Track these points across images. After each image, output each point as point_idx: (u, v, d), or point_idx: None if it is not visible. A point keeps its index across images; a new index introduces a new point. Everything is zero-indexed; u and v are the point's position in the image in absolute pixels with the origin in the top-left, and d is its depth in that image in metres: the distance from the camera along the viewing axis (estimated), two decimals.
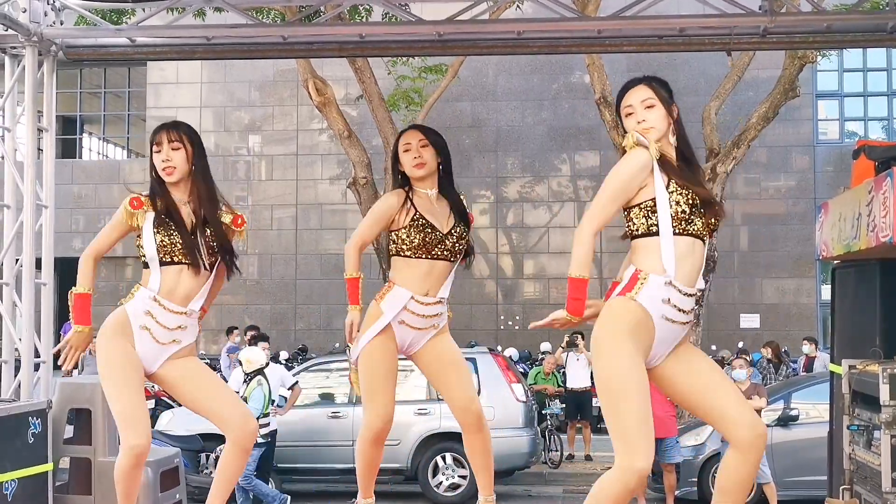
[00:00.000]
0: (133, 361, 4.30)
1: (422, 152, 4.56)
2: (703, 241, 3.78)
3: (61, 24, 7.08)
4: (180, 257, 4.28)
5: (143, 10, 7.26)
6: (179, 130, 4.37)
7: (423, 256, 4.50)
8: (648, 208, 3.70)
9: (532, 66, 22.42)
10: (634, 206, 3.74)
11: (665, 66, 20.50)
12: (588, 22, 7.35)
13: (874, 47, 15.23)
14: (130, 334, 4.32)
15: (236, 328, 16.47)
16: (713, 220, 3.78)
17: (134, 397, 4.26)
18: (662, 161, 3.74)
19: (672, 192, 3.69)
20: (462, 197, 4.71)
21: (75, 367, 4.51)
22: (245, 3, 7.26)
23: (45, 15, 6.83)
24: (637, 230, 3.75)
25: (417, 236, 4.48)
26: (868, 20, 7.02)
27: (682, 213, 3.68)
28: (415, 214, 4.50)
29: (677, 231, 3.68)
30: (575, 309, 3.68)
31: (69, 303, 4.43)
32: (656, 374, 3.81)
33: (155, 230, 4.29)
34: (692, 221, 3.71)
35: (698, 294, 3.77)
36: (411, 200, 4.55)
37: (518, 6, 13.85)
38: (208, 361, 14.67)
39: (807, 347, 15.09)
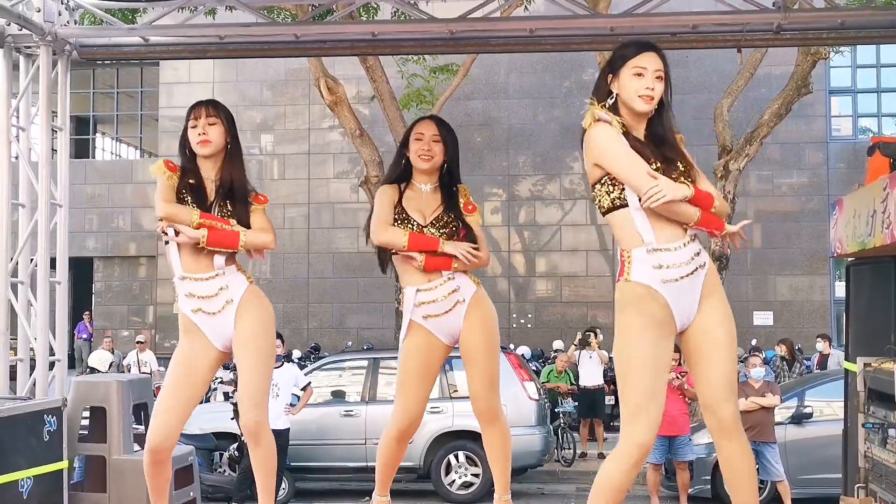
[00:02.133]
0: (185, 362, 4.35)
1: (432, 146, 4.53)
2: None
3: (75, 23, 7.11)
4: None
5: (155, 8, 7.29)
6: (217, 108, 4.41)
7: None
8: (610, 182, 3.69)
9: (544, 64, 22.39)
10: (597, 183, 3.73)
11: (677, 63, 20.34)
12: (600, 19, 7.35)
13: (888, 43, 15.13)
14: (191, 325, 4.35)
15: None
16: (682, 177, 3.69)
17: (165, 397, 4.36)
18: (626, 134, 3.71)
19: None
20: (458, 189, 4.61)
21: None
22: (257, 2, 7.27)
23: (59, 14, 6.86)
24: (605, 206, 3.74)
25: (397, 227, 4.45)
26: (881, 16, 6.99)
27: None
28: (399, 209, 4.48)
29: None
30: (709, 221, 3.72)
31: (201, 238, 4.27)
32: (692, 328, 3.75)
33: (182, 192, 4.33)
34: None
35: (690, 239, 3.68)
36: (401, 195, 4.53)
37: (526, 7, 13.83)
38: None
39: (820, 345, 15.03)
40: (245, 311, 4.33)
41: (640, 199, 3.60)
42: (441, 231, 4.46)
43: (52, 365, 6.84)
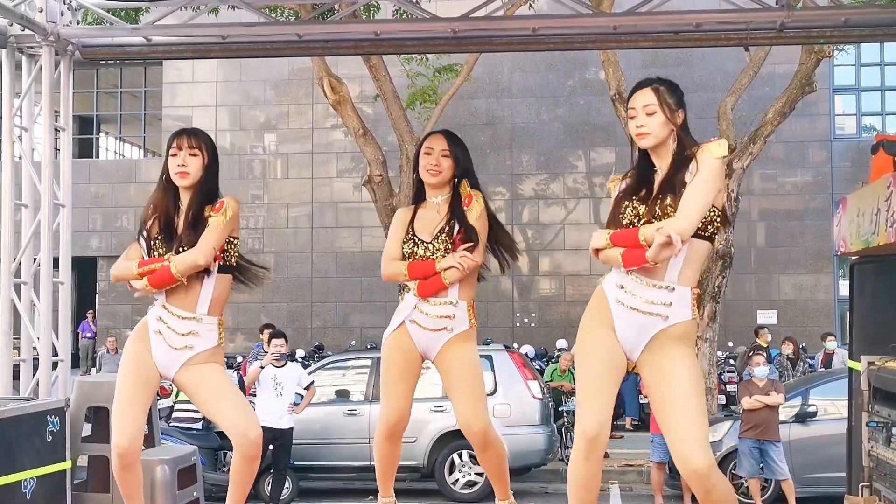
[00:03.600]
0: (141, 365, 4.34)
1: (440, 161, 4.54)
2: None
3: (78, 23, 7.11)
4: None
5: (157, 8, 7.29)
6: (199, 138, 4.40)
7: None
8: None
9: (547, 63, 22.37)
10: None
11: (681, 61, 20.44)
12: (603, 18, 7.33)
13: (891, 41, 15.10)
14: (147, 339, 4.36)
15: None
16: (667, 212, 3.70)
17: (126, 399, 4.32)
18: (636, 166, 3.85)
19: (626, 206, 3.76)
20: (463, 185, 4.58)
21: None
22: (260, 2, 7.27)
23: (62, 14, 6.86)
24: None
25: (406, 248, 4.53)
26: (885, 14, 6.97)
27: (620, 210, 3.77)
28: (408, 229, 4.55)
29: (626, 224, 3.76)
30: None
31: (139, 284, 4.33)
32: (638, 367, 3.83)
33: (149, 248, 4.36)
34: (634, 221, 3.72)
35: (668, 289, 3.67)
36: (414, 215, 4.59)
37: (531, 5, 13.83)
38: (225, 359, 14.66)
39: (831, 343, 14.96)
40: (200, 363, 4.34)
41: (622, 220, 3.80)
42: (444, 243, 4.48)
43: (55, 365, 6.84)
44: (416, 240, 4.50)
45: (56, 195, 6.92)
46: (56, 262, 6.93)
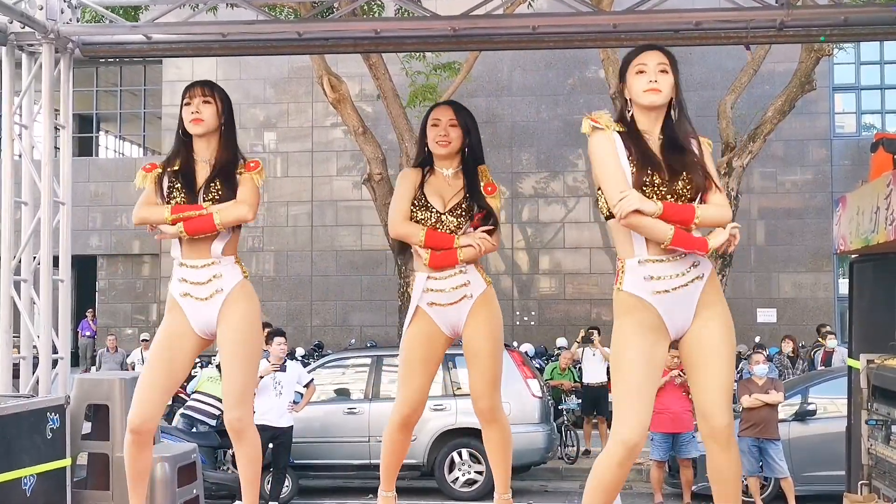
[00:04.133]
0: (168, 340, 4.32)
1: (449, 131, 4.49)
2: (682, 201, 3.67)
3: (78, 21, 7.11)
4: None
5: (157, 6, 7.29)
6: (213, 88, 4.41)
7: None
8: None
9: (547, 62, 22.37)
10: (599, 189, 3.74)
11: (681, 60, 19.87)
12: (603, 16, 7.33)
13: (891, 40, 15.09)
14: (176, 307, 4.34)
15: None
16: (688, 187, 3.66)
17: (148, 376, 4.32)
18: (630, 134, 3.72)
19: (632, 167, 3.65)
20: (481, 169, 4.59)
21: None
22: (260, 0, 7.27)
23: (62, 12, 6.86)
24: (605, 213, 3.75)
25: (416, 216, 4.43)
26: (885, 13, 6.97)
27: (642, 187, 3.62)
28: (419, 194, 4.46)
29: None
30: (686, 241, 3.62)
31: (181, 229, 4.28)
32: (689, 336, 3.74)
33: (167, 194, 4.32)
34: (658, 192, 3.62)
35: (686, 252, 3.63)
36: (423, 180, 4.51)
37: (530, 3, 13.82)
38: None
39: (832, 341, 14.95)
40: (233, 304, 4.31)
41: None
42: (459, 219, 4.43)
43: (55, 363, 6.85)
44: (430, 207, 4.41)
45: (56, 193, 6.92)
46: (56, 260, 6.93)
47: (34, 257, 6.85)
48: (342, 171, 23.26)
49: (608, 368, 14.42)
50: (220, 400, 12.36)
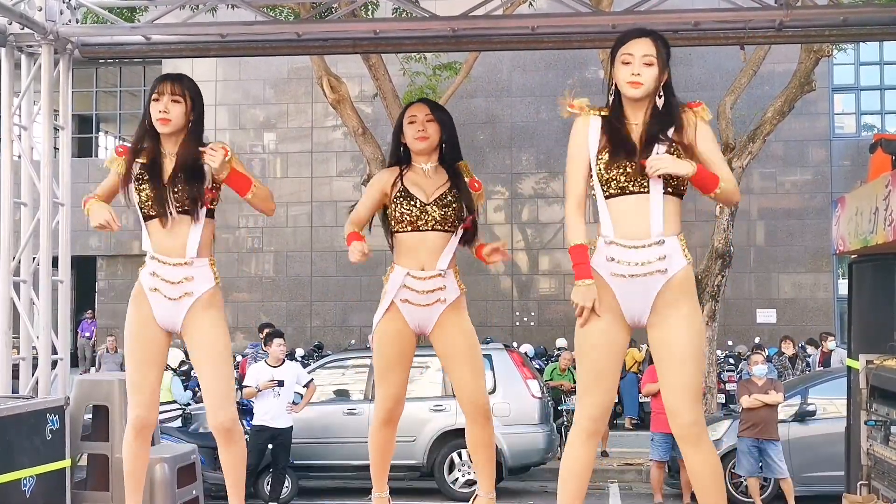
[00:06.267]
0: (146, 330, 4.29)
1: (426, 126, 4.50)
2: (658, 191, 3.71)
3: (77, 22, 7.11)
4: (154, 210, 4.24)
5: (156, 7, 7.29)
6: (182, 84, 4.30)
7: (409, 230, 4.42)
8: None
9: (546, 62, 22.37)
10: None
11: (680, 60, 20.35)
12: (602, 17, 7.34)
13: (890, 40, 15.10)
14: (143, 298, 4.30)
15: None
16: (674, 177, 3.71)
17: (139, 368, 4.28)
18: (611, 119, 3.78)
19: (601, 157, 3.72)
20: (462, 165, 4.59)
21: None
22: (259, 1, 7.28)
23: (61, 13, 6.87)
24: (590, 194, 3.83)
25: (399, 208, 4.42)
26: (884, 13, 6.98)
27: (611, 176, 3.70)
28: (400, 187, 4.46)
29: (613, 192, 3.71)
30: (580, 274, 3.73)
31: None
32: (647, 329, 3.80)
33: (137, 186, 4.28)
34: (631, 181, 3.68)
35: (657, 243, 3.68)
36: (402, 174, 4.51)
37: (531, 3, 13.83)
38: None
39: (832, 343, 14.96)
40: (202, 311, 4.26)
41: (604, 191, 3.71)
42: (443, 210, 4.43)
43: (54, 364, 6.85)
44: (413, 198, 4.41)
45: (55, 194, 6.93)
46: (55, 260, 6.93)
47: (33, 258, 6.86)
48: (342, 172, 23.27)
49: None
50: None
